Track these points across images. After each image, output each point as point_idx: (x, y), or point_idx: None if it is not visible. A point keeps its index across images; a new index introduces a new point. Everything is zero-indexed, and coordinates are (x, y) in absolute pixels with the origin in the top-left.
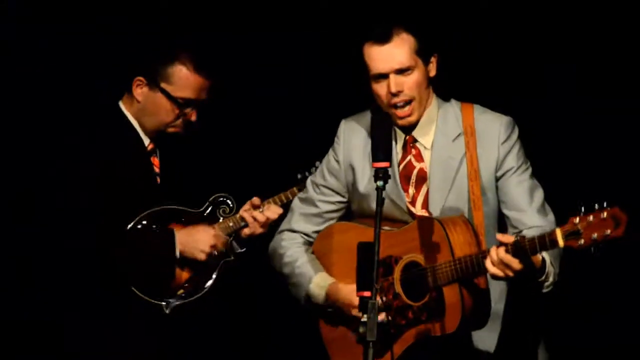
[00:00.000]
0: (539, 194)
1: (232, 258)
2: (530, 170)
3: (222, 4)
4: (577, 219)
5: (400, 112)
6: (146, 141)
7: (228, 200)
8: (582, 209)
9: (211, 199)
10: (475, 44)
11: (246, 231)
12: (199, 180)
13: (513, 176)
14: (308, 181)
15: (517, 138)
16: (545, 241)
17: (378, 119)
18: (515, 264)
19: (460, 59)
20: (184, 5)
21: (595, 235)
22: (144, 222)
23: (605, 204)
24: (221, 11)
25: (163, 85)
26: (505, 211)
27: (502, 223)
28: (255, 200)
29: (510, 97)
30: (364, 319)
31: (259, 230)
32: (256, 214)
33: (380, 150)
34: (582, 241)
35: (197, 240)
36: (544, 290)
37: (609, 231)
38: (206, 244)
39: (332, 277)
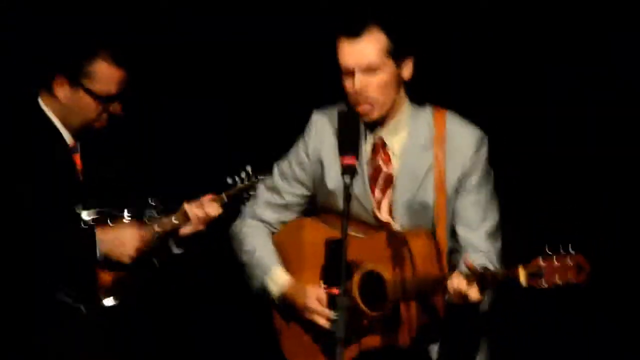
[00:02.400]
0: (493, 217)
1: (157, 265)
2: (490, 189)
3: None
4: (541, 261)
5: (360, 109)
6: (68, 138)
7: (154, 203)
8: (547, 250)
9: (138, 201)
10: (457, 47)
11: (187, 229)
12: (124, 179)
13: (472, 193)
14: (274, 168)
15: (485, 154)
16: (507, 276)
17: (346, 113)
18: (473, 295)
19: (438, 63)
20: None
21: (557, 279)
22: (67, 222)
23: (570, 249)
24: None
25: (85, 82)
26: (455, 225)
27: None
28: (207, 197)
29: (490, 102)
30: (333, 316)
31: (200, 227)
32: (197, 211)
33: (348, 145)
34: (544, 283)
35: (121, 241)
36: (481, 310)
37: (571, 277)
38: (131, 245)
39: (289, 271)
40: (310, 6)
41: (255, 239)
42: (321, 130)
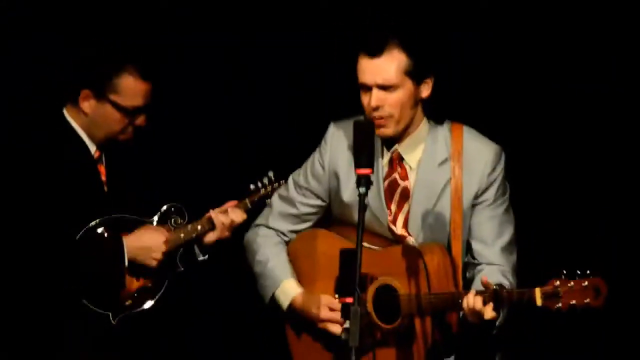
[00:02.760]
0: (509, 232)
1: (182, 269)
2: (507, 203)
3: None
4: (558, 282)
5: (376, 123)
6: (92, 149)
7: (180, 211)
8: (564, 272)
9: (163, 209)
10: (477, 70)
11: (210, 237)
12: (148, 188)
13: (488, 208)
14: (290, 179)
15: (502, 169)
16: (523, 297)
17: (361, 125)
18: (488, 313)
19: (459, 82)
20: (122, 13)
21: (574, 301)
22: (92, 232)
23: (588, 272)
24: (160, 16)
25: (111, 96)
26: (471, 240)
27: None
28: (231, 203)
29: (507, 122)
30: (347, 325)
31: (226, 234)
32: (222, 217)
33: (363, 156)
34: (560, 305)
35: (147, 246)
36: (494, 331)
37: (588, 300)
38: (158, 249)
39: (302, 282)
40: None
41: (269, 249)
42: (338, 143)
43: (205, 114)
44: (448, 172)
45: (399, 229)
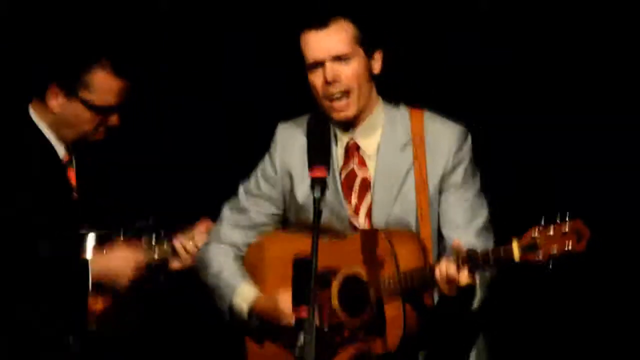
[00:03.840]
0: (483, 215)
1: (159, 283)
2: (477, 186)
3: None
4: (536, 232)
5: (336, 105)
6: (60, 152)
7: (152, 227)
8: (542, 220)
9: (136, 225)
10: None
11: (176, 264)
12: (120, 195)
13: (457, 192)
14: (240, 188)
15: (469, 150)
16: (500, 254)
17: (315, 120)
18: (463, 278)
19: (408, 59)
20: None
21: (554, 249)
22: (58, 246)
23: (567, 216)
24: (132, 9)
25: (82, 94)
26: (443, 229)
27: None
28: (204, 222)
29: (464, 102)
30: (300, 341)
31: (189, 262)
32: (187, 244)
33: (317, 156)
34: (540, 256)
35: (115, 266)
36: (474, 307)
37: (569, 246)
38: (127, 270)
39: (264, 291)
40: None
41: (222, 259)
42: (288, 142)
43: (185, 113)
44: (410, 156)
45: (362, 222)
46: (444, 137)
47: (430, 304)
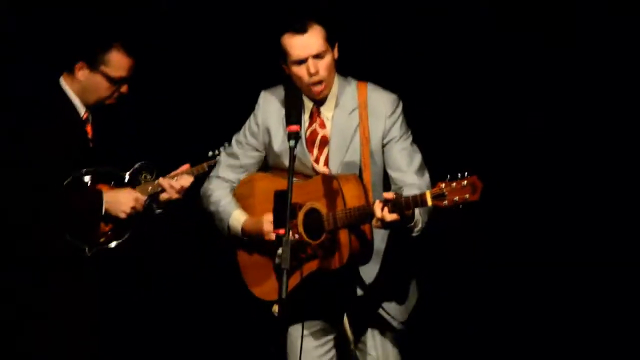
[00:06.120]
0: (418, 158)
1: (157, 212)
2: (410, 138)
3: None
4: (443, 185)
5: (316, 89)
6: (81, 111)
7: (150, 167)
8: (448, 176)
9: (136, 165)
10: (372, 34)
11: (164, 196)
12: (127, 146)
13: (397, 144)
14: (233, 138)
15: (401, 112)
16: (417, 200)
17: (291, 92)
18: (392, 218)
19: (355, 44)
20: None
21: (456, 198)
22: (79, 179)
23: (466, 174)
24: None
25: (102, 68)
26: (389, 171)
27: (387, 181)
28: (186, 166)
29: (399, 76)
30: (279, 251)
31: (175, 195)
32: (172, 182)
33: (293, 116)
34: (446, 202)
35: (120, 202)
36: (414, 234)
37: (467, 196)
38: (127, 205)
39: (253, 215)
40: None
41: (220, 192)
42: (268, 105)
43: (183, 85)
44: (356, 119)
45: (321, 168)
46: (382, 103)
47: (369, 233)
